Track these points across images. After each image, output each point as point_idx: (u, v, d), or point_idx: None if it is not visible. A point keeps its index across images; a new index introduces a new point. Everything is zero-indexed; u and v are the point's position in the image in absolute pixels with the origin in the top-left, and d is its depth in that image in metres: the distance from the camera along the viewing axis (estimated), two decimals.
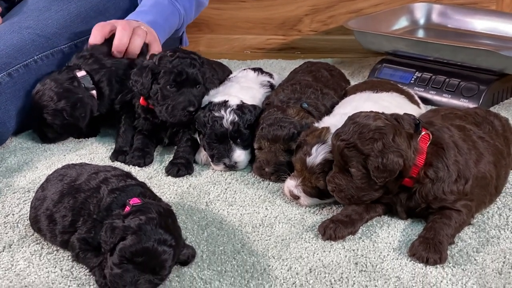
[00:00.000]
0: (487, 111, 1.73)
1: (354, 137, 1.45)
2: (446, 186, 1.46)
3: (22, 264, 1.41)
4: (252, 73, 2.18)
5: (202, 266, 1.39)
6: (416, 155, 1.45)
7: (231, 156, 1.81)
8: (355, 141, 1.45)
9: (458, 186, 1.46)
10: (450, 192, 1.46)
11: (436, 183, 1.46)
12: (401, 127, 1.45)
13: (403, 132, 1.44)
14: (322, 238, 1.48)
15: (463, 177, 1.47)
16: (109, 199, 1.38)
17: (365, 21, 2.59)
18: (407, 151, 1.42)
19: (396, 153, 1.41)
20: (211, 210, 1.64)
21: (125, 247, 1.23)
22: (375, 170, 1.43)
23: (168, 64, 1.85)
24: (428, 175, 1.47)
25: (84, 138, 2.12)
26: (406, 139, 1.44)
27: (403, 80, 2.34)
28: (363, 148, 1.44)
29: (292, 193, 1.63)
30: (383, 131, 1.43)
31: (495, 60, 2.13)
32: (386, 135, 1.42)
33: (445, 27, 2.67)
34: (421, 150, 1.46)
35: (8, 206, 1.67)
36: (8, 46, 2.05)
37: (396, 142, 1.42)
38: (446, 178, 1.46)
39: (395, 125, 1.45)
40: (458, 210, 1.46)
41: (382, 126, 1.44)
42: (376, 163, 1.42)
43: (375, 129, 1.44)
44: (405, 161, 1.42)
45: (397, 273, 1.35)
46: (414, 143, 1.45)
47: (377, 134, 1.43)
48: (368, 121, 1.46)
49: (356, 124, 1.46)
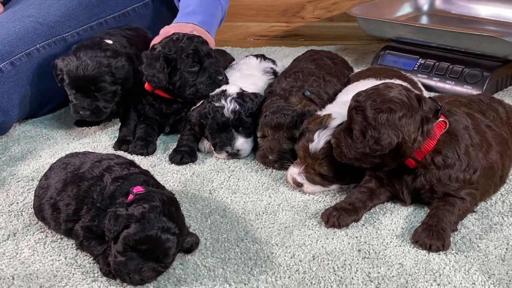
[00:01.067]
0: (491, 98, 1.72)
1: (366, 102, 1.45)
2: (453, 173, 1.46)
3: (26, 252, 1.42)
4: (254, 59, 2.17)
5: (206, 254, 1.40)
6: (426, 139, 1.44)
7: (233, 144, 1.81)
8: (365, 106, 1.44)
9: (465, 175, 1.46)
10: (456, 179, 1.46)
11: (443, 170, 1.46)
12: (419, 109, 1.43)
13: (418, 114, 1.42)
14: (325, 225, 1.48)
15: (472, 167, 1.47)
16: (112, 188, 1.38)
17: (368, 8, 2.58)
18: (409, 133, 1.41)
19: (394, 132, 1.40)
20: (215, 197, 1.64)
21: (129, 235, 1.24)
22: (370, 139, 1.43)
23: (180, 48, 1.86)
24: (435, 162, 1.46)
25: (87, 126, 2.12)
26: (417, 122, 1.42)
27: (406, 67, 2.33)
28: (368, 115, 1.43)
29: (295, 180, 1.63)
30: (394, 106, 1.42)
31: (499, 46, 2.12)
32: (395, 112, 1.41)
33: (448, 13, 2.66)
34: (434, 136, 1.45)
35: (12, 195, 1.67)
36: (11, 34, 2.04)
37: (402, 121, 1.41)
38: (454, 166, 1.46)
39: (412, 105, 1.43)
40: (462, 198, 1.46)
41: (395, 101, 1.42)
42: (372, 134, 1.42)
43: (387, 101, 1.43)
44: (403, 143, 1.41)
45: (400, 260, 1.35)
46: (428, 127, 1.43)
47: (386, 107, 1.42)
48: (387, 91, 1.45)
49: (375, 90, 1.46)
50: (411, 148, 1.43)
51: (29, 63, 2.06)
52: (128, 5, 2.36)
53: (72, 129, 2.11)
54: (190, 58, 1.88)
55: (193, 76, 1.89)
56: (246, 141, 1.83)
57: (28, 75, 2.06)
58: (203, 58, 1.90)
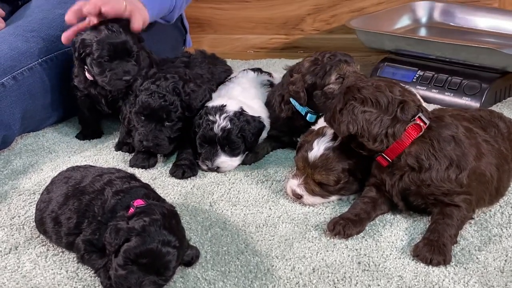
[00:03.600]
0: (491, 113, 1.73)
1: (354, 88, 1.53)
2: (435, 174, 1.47)
3: (28, 266, 1.43)
4: (252, 73, 2.18)
5: (206, 267, 1.40)
6: (394, 140, 1.47)
7: (214, 160, 1.83)
8: (349, 90, 1.53)
9: (450, 174, 1.47)
10: (441, 180, 1.47)
11: (424, 172, 1.48)
12: (393, 112, 1.48)
13: (388, 116, 1.47)
14: (330, 234, 1.49)
15: (456, 166, 1.47)
16: (113, 201, 1.39)
17: (367, 20, 2.59)
18: (369, 130, 1.47)
19: (351, 122, 1.48)
20: (215, 210, 1.65)
21: (130, 248, 1.25)
22: (336, 121, 1.52)
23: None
24: (408, 164, 1.49)
25: (88, 139, 2.13)
26: (384, 123, 1.47)
27: (405, 79, 2.34)
28: (344, 99, 1.52)
29: (294, 192, 1.64)
30: (366, 101, 1.49)
31: (498, 58, 2.13)
32: (363, 105, 1.49)
33: (447, 25, 2.67)
34: (406, 138, 1.48)
35: (14, 208, 1.68)
36: (13, 49, 2.05)
37: (364, 116, 1.47)
38: (433, 167, 1.47)
39: (386, 107, 1.48)
40: (457, 205, 1.47)
41: (371, 98, 1.49)
42: (338, 117, 1.51)
43: (366, 95, 1.49)
44: (360, 136, 1.48)
45: (399, 272, 1.36)
46: (395, 129, 1.47)
47: (360, 98, 1.49)
48: (377, 89, 1.51)
49: (371, 84, 1.53)
50: (372, 146, 1.48)
51: (31, 78, 2.08)
52: None
53: (74, 142, 2.12)
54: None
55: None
56: (231, 159, 1.85)
57: (30, 89, 2.07)
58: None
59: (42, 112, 2.15)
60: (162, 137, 1.87)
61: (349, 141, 1.55)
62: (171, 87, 1.86)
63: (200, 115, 1.87)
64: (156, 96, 1.84)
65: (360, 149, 1.54)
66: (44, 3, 2.28)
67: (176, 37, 2.66)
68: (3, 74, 2.00)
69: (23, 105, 2.05)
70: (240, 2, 3.05)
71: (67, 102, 2.21)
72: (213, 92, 2.08)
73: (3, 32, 2.14)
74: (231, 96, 1.94)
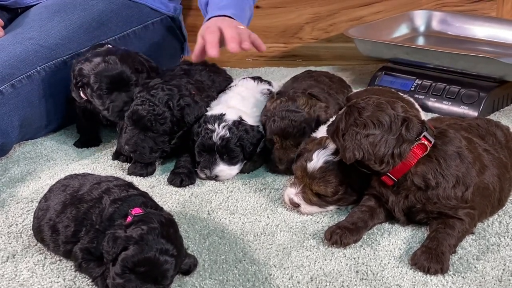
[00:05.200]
0: (488, 121, 1.73)
1: (354, 110, 1.51)
2: (442, 192, 1.47)
3: (25, 274, 1.42)
4: (252, 82, 2.18)
5: (204, 276, 1.40)
6: (399, 161, 1.47)
7: (212, 168, 1.83)
8: (349, 112, 1.51)
9: (456, 192, 1.47)
10: (447, 197, 1.47)
11: (431, 191, 1.47)
12: (397, 131, 1.46)
13: (393, 136, 1.46)
14: (327, 243, 1.49)
15: (462, 183, 1.47)
16: (111, 209, 1.39)
17: (365, 29, 2.60)
18: (375, 153, 1.46)
19: (356, 148, 1.47)
20: (213, 218, 1.65)
21: (127, 257, 1.24)
22: (340, 147, 1.51)
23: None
24: (415, 183, 1.48)
25: (86, 147, 2.13)
26: (390, 144, 1.46)
27: (403, 88, 2.34)
28: (345, 124, 1.51)
29: (292, 201, 1.64)
30: (368, 124, 1.47)
31: (495, 67, 2.14)
32: (366, 129, 1.47)
33: (445, 34, 2.68)
34: (412, 157, 1.47)
35: (11, 216, 1.68)
36: (11, 57, 2.06)
37: (368, 140, 1.46)
38: (440, 186, 1.47)
39: (389, 127, 1.47)
40: (460, 219, 1.47)
41: (372, 120, 1.47)
42: (341, 143, 1.50)
43: (367, 117, 1.48)
44: (366, 160, 1.47)
45: (397, 281, 1.36)
46: (401, 149, 1.46)
47: (361, 122, 1.48)
48: (377, 108, 1.49)
49: (370, 103, 1.51)
50: (379, 168, 1.47)
51: (29, 85, 2.08)
52: (128, 27, 2.39)
53: (72, 150, 2.12)
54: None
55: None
56: (229, 168, 1.85)
57: (28, 97, 2.07)
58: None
59: (40, 119, 2.15)
60: (143, 145, 1.87)
61: (356, 164, 1.53)
62: (164, 100, 1.86)
63: (199, 123, 1.88)
64: (146, 105, 1.85)
65: (366, 169, 1.53)
66: (43, 11, 2.29)
67: (174, 45, 2.67)
68: (1, 82, 2.00)
69: (22, 112, 2.05)
70: None
71: (65, 110, 2.22)
72: (214, 99, 2.09)
73: (2, 40, 2.15)
74: (230, 105, 1.94)
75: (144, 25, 2.46)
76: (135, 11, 2.44)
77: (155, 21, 2.51)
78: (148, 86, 1.91)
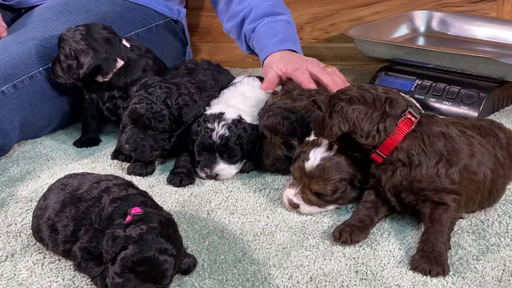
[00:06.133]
0: (492, 122, 1.73)
1: (339, 92, 1.56)
2: (425, 169, 1.48)
3: (24, 274, 1.42)
4: (258, 81, 2.17)
5: (203, 275, 1.40)
6: (386, 136, 1.49)
7: (212, 167, 1.83)
8: (334, 95, 1.56)
9: (439, 169, 1.47)
10: (430, 175, 1.47)
11: (414, 168, 1.48)
12: (381, 108, 1.50)
13: (378, 112, 1.49)
14: (337, 242, 1.49)
15: (446, 160, 1.48)
16: (110, 209, 1.38)
17: (365, 29, 2.60)
18: (360, 126, 1.49)
19: (343, 121, 1.50)
20: (213, 218, 1.65)
21: (127, 256, 1.24)
22: (327, 125, 1.53)
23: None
24: (400, 159, 1.50)
25: (86, 147, 2.13)
26: (375, 119, 1.49)
27: (403, 88, 2.34)
28: (331, 102, 1.54)
29: (291, 201, 1.63)
30: (353, 99, 1.51)
31: (495, 68, 2.13)
32: (351, 104, 1.51)
33: (445, 35, 2.68)
34: (398, 133, 1.49)
35: (10, 216, 1.68)
36: (14, 57, 2.06)
37: (354, 114, 1.49)
38: (423, 163, 1.48)
39: (373, 103, 1.50)
40: (446, 204, 1.47)
41: (357, 96, 1.51)
42: (328, 120, 1.52)
43: (350, 94, 1.52)
44: (353, 133, 1.50)
45: (397, 281, 1.35)
46: (386, 124, 1.49)
47: (346, 98, 1.52)
48: (360, 89, 1.53)
49: (354, 86, 1.56)
50: (366, 142, 1.50)
51: (31, 86, 2.08)
52: (132, 30, 2.38)
53: (71, 150, 2.12)
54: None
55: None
56: (229, 167, 1.85)
57: (30, 97, 2.07)
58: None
59: (41, 120, 2.15)
60: (143, 144, 1.87)
61: (344, 145, 1.56)
62: (162, 97, 1.86)
63: (199, 122, 1.87)
64: (144, 103, 1.84)
65: (356, 152, 1.55)
66: (46, 11, 2.28)
67: (177, 48, 2.67)
68: (3, 82, 2.00)
69: (23, 113, 2.05)
70: None
71: (66, 110, 2.22)
72: (215, 98, 2.09)
73: (5, 40, 2.14)
74: (229, 104, 1.94)
75: (148, 27, 2.46)
76: (139, 13, 2.44)
77: (159, 24, 2.51)
78: (146, 84, 1.90)
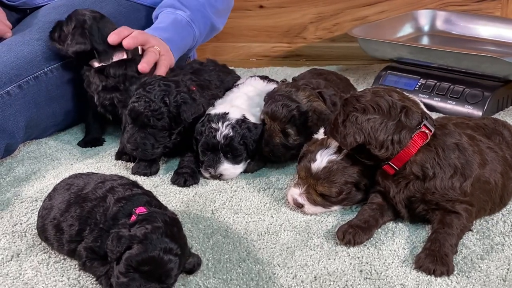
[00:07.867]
0: (495, 121, 1.73)
1: (353, 98, 1.52)
2: (439, 182, 1.47)
3: (30, 273, 1.43)
4: (260, 81, 2.18)
5: (208, 275, 1.40)
6: (400, 148, 1.47)
7: (217, 167, 1.84)
8: (348, 101, 1.53)
9: (454, 182, 1.47)
10: (444, 188, 1.47)
11: (428, 181, 1.48)
12: (396, 118, 1.47)
13: (392, 122, 1.47)
14: (340, 242, 1.49)
15: (460, 174, 1.47)
16: (115, 208, 1.39)
17: (369, 29, 2.60)
18: (375, 137, 1.47)
19: (357, 132, 1.48)
20: (217, 218, 1.65)
21: (131, 256, 1.24)
22: (340, 134, 1.52)
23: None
24: (413, 172, 1.49)
25: (90, 147, 2.14)
26: (390, 129, 1.47)
27: (407, 87, 2.34)
28: (346, 109, 1.52)
29: (296, 201, 1.64)
30: (368, 109, 1.48)
31: (500, 67, 2.13)
32: (366, 114, 1.48)
33: (449, 34, 2.68)
34: (412, 146, 1.47)
35: (16, 216, 1.68)
36: (19, 58, 2.06)
37: (369, 124, 1.47)
38: (438, 176, 1.47)
39: (389, 113, 1.48)
40: (458, 213, 1.46)
41: (372, 105, 1.48)
42: (341, 130, 1.51)
43: (364, 102, 1.49)
44: (368, 144, 1.48)
45: (401, 281, 1.35)
46: (401, 136, 1.47)
47: (361, 107, 1.49)
48: (375, 95, 1.51)
49: (368, 91, 1.53)
50: (379, 153, 1.48)
51: (36, 87, 2.08)
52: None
53: (76, 150, 2.13)
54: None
55: None
56: (233, 167, 1.86)
57: (35, 98, 2.08)
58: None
59: (46, 120, 2.16)
60: (144, 142, 1.87)
61: (356, 152, 1.54)
62: (160, 95, 1.86)
63: (203, 122, 1.88)
64: (143, 101, 1.84)
65: (367, 159, 1.54)
66: (51, 12, 2.28)
67: None
68: (8, 83, 2.00)
69: (28, 113, 2.05)
70: (243, 10, 3.06)
71: (71, 111, 2.23)
72: (219, 98, 2.10)
73: (10, 40, 2.15)
74: (233, 104, 1.95)
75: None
76: (144, 14, 2.44)
77: None
78: (145, 82, 1.91)
